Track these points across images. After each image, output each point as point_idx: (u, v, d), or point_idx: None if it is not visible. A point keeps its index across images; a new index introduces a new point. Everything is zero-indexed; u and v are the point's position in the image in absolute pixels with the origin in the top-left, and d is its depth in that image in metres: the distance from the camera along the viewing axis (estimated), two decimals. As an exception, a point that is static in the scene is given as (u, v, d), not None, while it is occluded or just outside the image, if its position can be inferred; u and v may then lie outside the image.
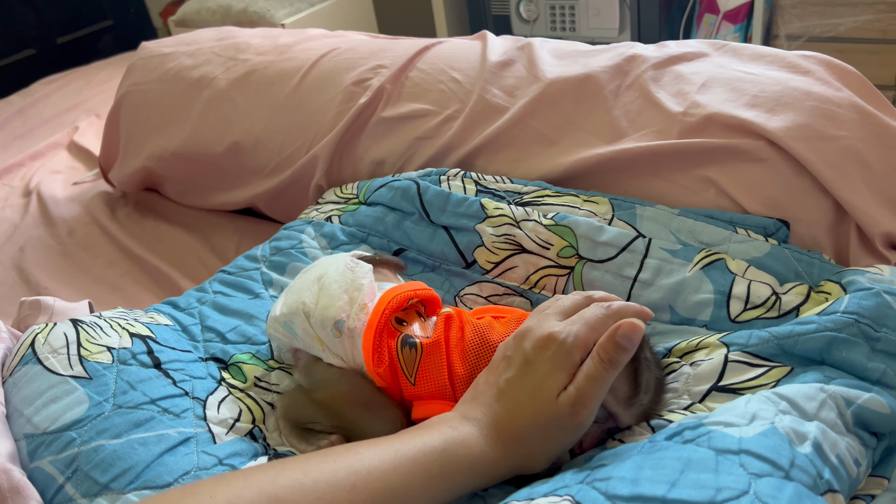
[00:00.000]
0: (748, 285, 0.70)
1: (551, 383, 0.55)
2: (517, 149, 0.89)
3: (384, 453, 0.51)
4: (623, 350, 0.55)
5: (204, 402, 0.66)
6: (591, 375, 0.55)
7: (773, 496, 0.45)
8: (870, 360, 0.60)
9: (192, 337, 0.76)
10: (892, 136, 0.74)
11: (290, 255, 0.88)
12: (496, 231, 0.80)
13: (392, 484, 0.49)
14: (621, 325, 0.55)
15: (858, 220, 0.73)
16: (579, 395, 0.55)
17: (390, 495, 0.49)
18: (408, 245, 0.86)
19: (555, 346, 0.56)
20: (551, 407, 0.55)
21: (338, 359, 0.68)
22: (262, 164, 1.09)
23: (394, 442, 0.52)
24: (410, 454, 0.51)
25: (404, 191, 0.87)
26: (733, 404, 0.56)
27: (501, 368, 0.59)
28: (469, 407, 0.58)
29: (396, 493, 0.49)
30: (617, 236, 0.76)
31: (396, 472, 0.50)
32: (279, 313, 0.70)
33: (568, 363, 0.56)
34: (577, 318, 0.58)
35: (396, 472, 0.50)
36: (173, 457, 0.60)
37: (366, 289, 0.69)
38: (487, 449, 0.55)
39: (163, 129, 1.18)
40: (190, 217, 1.23)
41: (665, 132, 0.82)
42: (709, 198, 0.79)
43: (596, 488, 0.49)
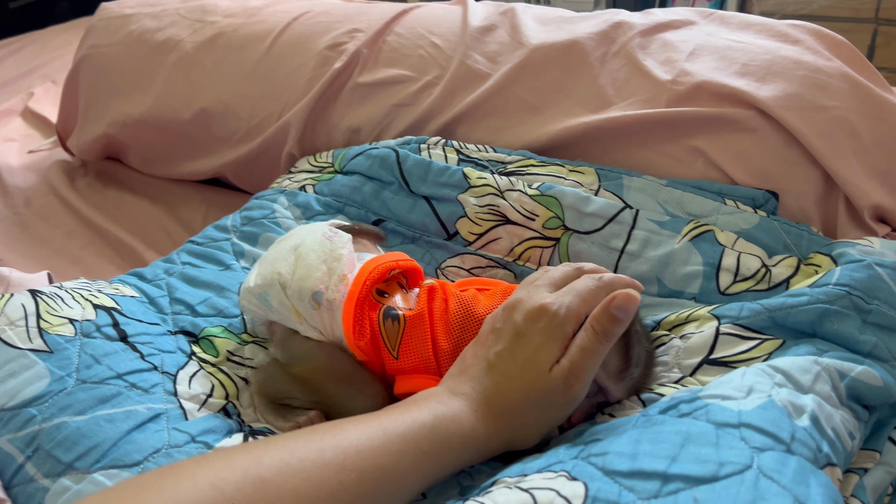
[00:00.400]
0: (738, 257, 0.69)
1: (544, 356, 0.53)
2: (500, 117, 0.87)
3: (372, 431, 0.48)
4: (618, 322, 0.53)
5: (174, 376, 0.63)
6: (585, 348, 0.53)
7: (778, 470, 0.43)
8: (861, 333, 0.59)
9: (160, 309, 0.72)
10: (882, 106, 0.73)
11: (262, 225, 0.84)
12: (479, 201, 0.78)
13: (382, 462, 0.47)
14: (616, 296, 0.53)
15: (847, 192, 0.72)
16: (573, 368, 0.53)
17: (380, 474, 0.46)
18: (387, 216, 0.83)
19: (547, 318, 0.54)
20: (544, 380, 0.53)
21: (316, 332, 0.65)
22: (231, 132, 1.05)
23: (381, 419, 0.50)
24: (400, 431, 0.49)
25: (383, 159, 0.84)
26: (729, 377, 0.55)
27: (490, 341, 0.56)
28: (457, 381, 0.56)
29: (387, 471, 0.47)
30: (604, 207, 0.74)
31: (386, 451, 0.47)
32: (253, 284, 0.67)
33: (560, 335, 0.54)
34: (569, 289, 0.56)
35: (386, 451, 0.47)
36: (143, 434, 0.56)
37: (345, 259, 0.66)
38: (478, 424, 0.53)
39: (125, 94, 1.12)
40: (155, 187, 1.18)
41: (653, 101, 0.80)
42: (697, 168, 0.77)
43: (592, 464, 0.47)
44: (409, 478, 0.48)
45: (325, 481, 0.44)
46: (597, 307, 0.54)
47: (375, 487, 0.46)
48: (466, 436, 0.52)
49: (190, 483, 0.40)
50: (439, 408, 0.52)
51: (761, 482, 0.42)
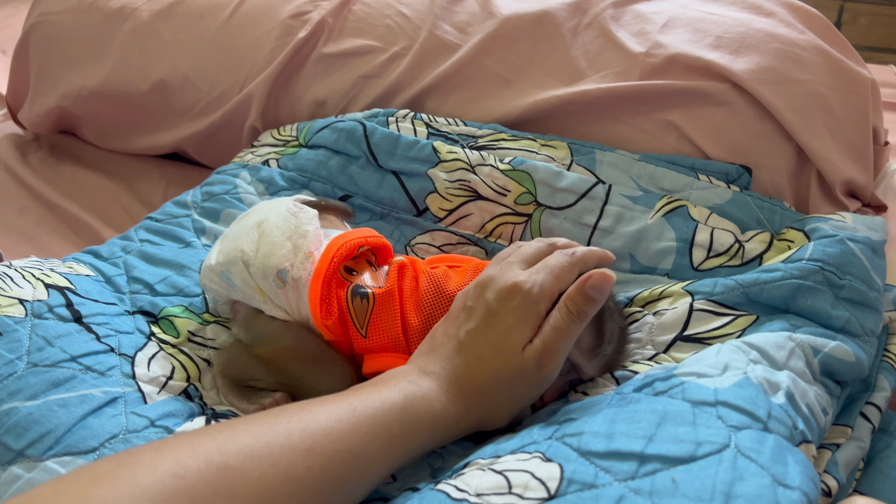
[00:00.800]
0: (711, 233, 0.68)
1: (516, 336, 0.52)
2: (470, 90, 0.84)
3: (341, 412, 0.46)
4: (592, 302, 0.52)
5: (132, 358, 0.60)
6: (559, 328, 0.52)
7: (755, 449, 0.42)
8: (834, 308, 0.59)
9: (116, 288, 0.69)
10: (855, 80, 0.72)
11: (223, 201, 0.81)
12: (450, 176, 0.76)
13: (351, 445, 0.45)
14: (591, 275, 0.52)
15: (820, 167, 0.71)
16: (546, 348, 0.52)
17: (349, 457, 0.44)
18: (354, 191, 0.80)
19: (520, 297, 0.53)
20: (516, 360, 0.52)
21: (281, 311, 0.63)
22: (191, 105, 1.01)
23: (350, 399, 0.48)
24: (370, 412, 0.47)
25: (349, 132, 0.82)
26: (704, 354, 0.54)
27: (462, 319, 0.55)
28: (427, 360, 0.54)
29: (356, 454, 0.45)
30: (576, 182, 0.72)
31: (356, 433, 0.45)
32: (215, 262, 0.64)
33: (533, 314, 0.52)
34: (542, 266, 0.55)
35: (356, 433, 0.45)
36: (98, 419, 0.54)
37: (311, 236, 0.63)
38: (448, 405, 0.51)
39: (79, 64, 1.07)
40: (111, 162, 1.13)
41: (626, 73, 0.78)
42: (670, 143, 0.76)
43: (567, 444, 0.46)
44: (378, 460, 0.47)
45: (293, 467, 0.42)
46: (571, 286, 0.53)
47: (344, 471, 0.44)
48: (437, 416, 0.50)
49: (149, 471, 0.38)
50: (409, 388, 0.50)
51: (739, 461, 0.41)
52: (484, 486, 0.44)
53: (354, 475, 0.45)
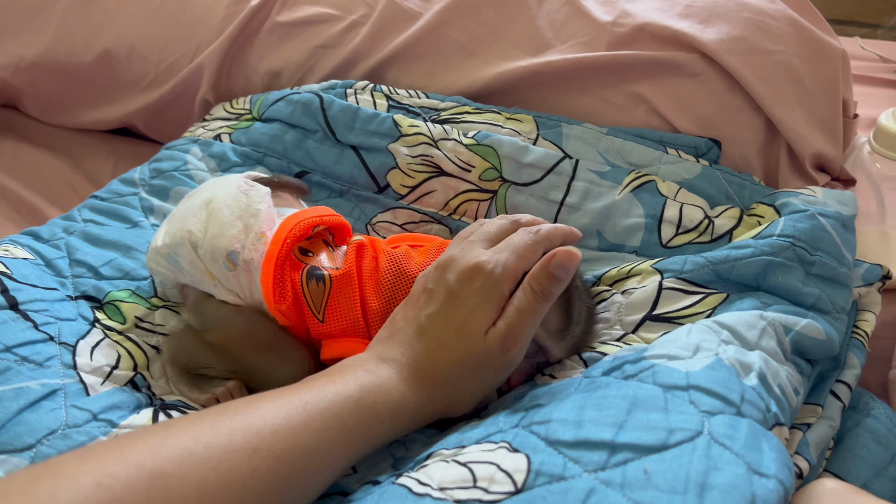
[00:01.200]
0: (680, 208, 0.66)
1: (479, 318, 0.50)
2: (432, 60, 0.81)
3: (291, 407, 0.43)
4: (557, 281, 0.50)
5: (73, 347, 0.57)
6: (523, 309, 0.50)
7: (729, 436, 0.41)
8: (805, 285, 0.57)
9: (57, 272, 0.65)
10: (825, 51, 0.71)
11: (173, 178, 0.77)
12: (411, 151, 0.72)
13: (302, 443, 0.42)
14: (556, 253, 0.50)
15: (790, 140, 0.70)
16: (510, 331, 0.49)
17: (300, 456, 0.42)
18: (311, 167, 0.77)
19: (482, 278, 0.50)
20: (479, 344, 0.49)
21: (232, 295, 0.59)
22: (139, 77, 0.96)
23: (301, 393, 0.45)
24: (322, 406, 0.44)
25: (305, 105, 0.78)
26: (674, 335, 0.52)
27: (422, 303, 0.52)
28: (386, 346, 0.52)
29: (308, 452, 0.42)
30: (543, 157, 0.70)
31: (307, 429, 0.43)
32: (161, 244, 0.61)
33: (496, 296, 0.50)
34: (505, 245, 0.52)
35: (307, 429, 0.43)
36: (35, 413, 0.50)
37: (263, 215, 0.60)
38: (408, 393, 0.49)
39: (17, 33, 1.01)
40: (56, 137, 1.07)
41: (593, 44, 0.75)
42: (638, 115, 0.74)
43: (534, 433, 0.44)
44: (333, 456, 0.44)
45: (236, 469, 0.39)
46: (535, 265, 0.51)
47: (295, 471, 0.41)
48: (396, 406, 0.48)
49: (70, 483, 0.34)
50: (366, 377, 0.48)
51: (713, 450, 0.40)
52: (448, 480, 0.41)
53: (306, 473, 0.42)
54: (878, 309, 0.64)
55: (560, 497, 0.38)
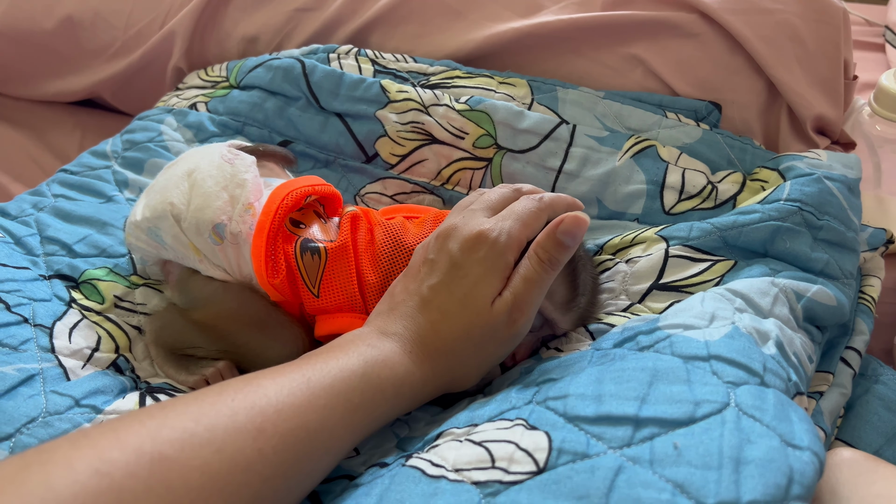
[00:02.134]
0: (682, 174, 0.64)
1: (484, 289, 0.48)
2: (419, 23, 0.77)
3: (294, 385, 0.40)
4: (565, 248, 0.48)
5: (50, 329, 0.53)
6: (529, 278, 0.48)
7: (758, 407, 0.39)
8: (813, 251, 0.56)
9: (28, 251, 0.61)
10: (826, 10, 0.69)
11: (147, 149, 0.73)
12: (401, 118, 0.69)
13: (307, 421, 0.39)
14: (563, 219, 0.48)
15: (791, 102, 0.68)
16: (516, 301, 0.47)
17: (306, 435, 0.39)
18: (294, 136, 0.73)
19: (486, 247, 0.48)
20: (485, 316, 0.47)
21: (220, 270, 0.56)
22: (105, 44, 0.91)
23: (303, 369, 0.42)
24: (326, 382, 0.42)
25: (286, 71, 0.74)
26: (688, 304, 0.50)
27: (423, 274, 0.50)
28: (387, 320, 0.49)
29: (313, 431, 0.40)
30: (539, 122, 0.67)
31: (311, 407, 0.40)
32: (140, 218, 0.57)
33: (501, 265, 0.48)
34: (508, 212, 0.50)
35: (311, 407, 0.40)
36: (12, 401, 0.47)
37: (250, 185, 0.57)
38: (412, 367, 0.47)
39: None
40: (18, 110, 1.02)
41: (587, 3, 0.73)
42: (635, 78, 0.71)
43: (552, 409, 0.41)
44: (338, 435, 0.42)
45: (240, 451, 0.36)
46: (541, 233, 0.49)
47: (300, 451, 0.39)
48: (401, 381, 0.46)
49: (65, 471, 0.31)
50: (369, 352, 0.45)
51: (743, 422, 0.38)
52: (463, 460, 0.39)
53: (312, 454, 0.40)
54: (883, 274, 0.63)
55: (587, 476, 0.36)
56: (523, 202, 0.51)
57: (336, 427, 0.41)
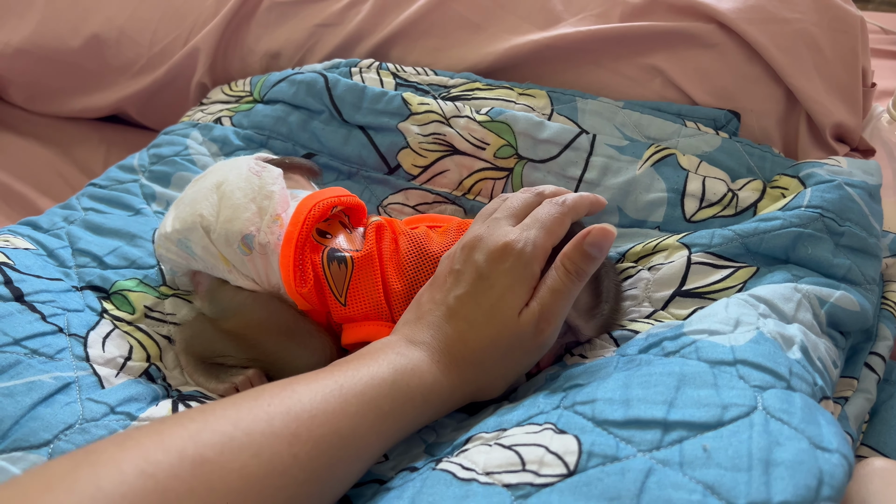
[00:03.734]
0: (703, 182, 0.64)
1: (511, 300, 0.48)
2: (439, 36, 0.79)
3: (327, 391, 0.41)
4: (592, 260, 0.48)
5: (84, 339, 0.54)
6: (556, 289, 0.48)
7: (786, 410, 0.39)
8: (835, 257, 0.56)
9: (61, 262, 0.62)
10: (844, 19, 0.69)
11: (174, 163, 0.74)
12: (423, 130, 0.70)
13: (340, 427, 0.40)
14: (591, 231, 0.48)
15: (809, 110, 0.68)
16: (543, 312, 0.48)
17: (339, 441, 0.40)
18: (317, 149, 0.74)
19: (512, 258, 0.48)
20: (512, 326, 0.48)
21: (249, 280, 0.57)
22: (130, 61, 0.92)
23: (335, 376, 0.43)
24: (358, 389, 0.42)
25: (309, 85, 0.75)
26: (712, 310, 0.51)
27: (449, 284, 0.50)
28: (414, 329, 0.50)
29: (346, 437, 0.40)
30: (559, 132, 0.68)
31: (344, 413, 0.41)
32: (171, 230, 0.58)
33: (528, 276, 0.48)
34: (532, 221, 0.50)
35: (344, 413, 0.41)
36: (50, 408, 0.48)
37: (277, 196, 0.58)
38: (440, 376, 0.47)
39: (2, 19, 0.97)
40: (44, 127, 1.04)
41: (606, 15, 0.74)
42: (654, 88, 0.72)
43: (580, 413, 0.42)
44: (369, 441, 0.42)
45: (277, 455, 0.37)
46: (568, 245, 0.49)
47: (333, 457, 0.40)
48: (429, 390, 0.46)
49: (112, 471, 0.32)
50: (398, 360, 0.46)
51: (772, 425, 0.38)
52: (493, 464, 0.40)
53: (345, 459, 0.41)
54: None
55: (618, 478, 0.36)
56: (546, 208, 0.51)
57: (367, 433, 0.42)
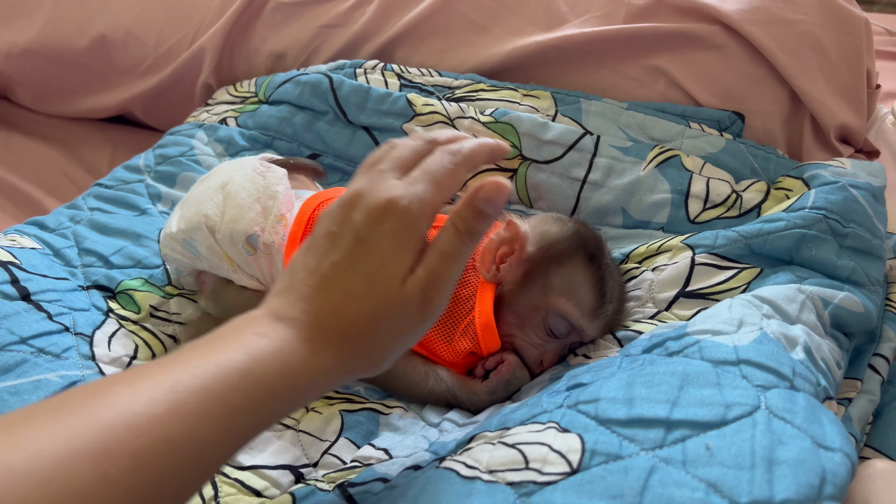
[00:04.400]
0: (707, 183, 0.65)
1: (394, 266, 0.41)
2: (443, 37, 0.79)
3: (155, 392, 0.34)
4: (485, 218, 0.42)
5: (90, 338, 0.54)
6: (446, 252, 0.42)
7: (788, 409, 0.39)
8: (839, 258, 0.56)
9: (67, 262, 0.63)
10: (848, 20, 0.69)
11: (179, 163, 0.75)
12: (427, 131, 0.70)
13: (170, 434, 0.33)
14: (483, 187, 0.42)
15: (814, 111, 0.68)
16: (431, 278, 0.41)
17: (168, 449, 0.33)
18: (322, 149, 0.75)
19: (395, 218, 0.41)
20: (396, 296, 0.41)
21: (253, 280, 0.57)
22: (136, 61, 0.93)
23: (170, 370, 0.36)
24: (196, 386, 0.35)
25: (314, 86, 0.75)
26: (715, 310, 0.51)
27: (325, 248, 0.43)
28: (283, 301, 0.42)
29: (178, 444, 0.33)
30: (563, 134, 0.68)
31: (177, 416, 0.34)
32: (176, 230, 0.58)
33: (413, 237, 0.42)
34: (421, 174, 0.43)
35: (177, 416, 0.34)
36: (56, 407, 0.48)
37: (281, 197, 0.58)
38: (311, 357, 0.40)
39: (7, 20, 0.98)
40: (51, 127, 1.04)
41: (610, 17, 0.74)
42: (658, 89, 0.72)
43: (583, 412, 0.42)
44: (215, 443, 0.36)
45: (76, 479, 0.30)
46: (459, 202, 0.43)
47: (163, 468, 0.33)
48: (295, 374, 0.40)
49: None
50: (256, 343, 0.39)
51: (774, 423, 0.38)
52: (496, 462, 0.40)
53: (180, 468, 0.34)
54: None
55: (620, 476, 0.36)
56: (438, 158, 0.44)
57: (210, 435, 0.35)
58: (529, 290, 0.55)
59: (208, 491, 0.45)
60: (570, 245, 0.56)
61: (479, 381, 0.55)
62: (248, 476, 0.47)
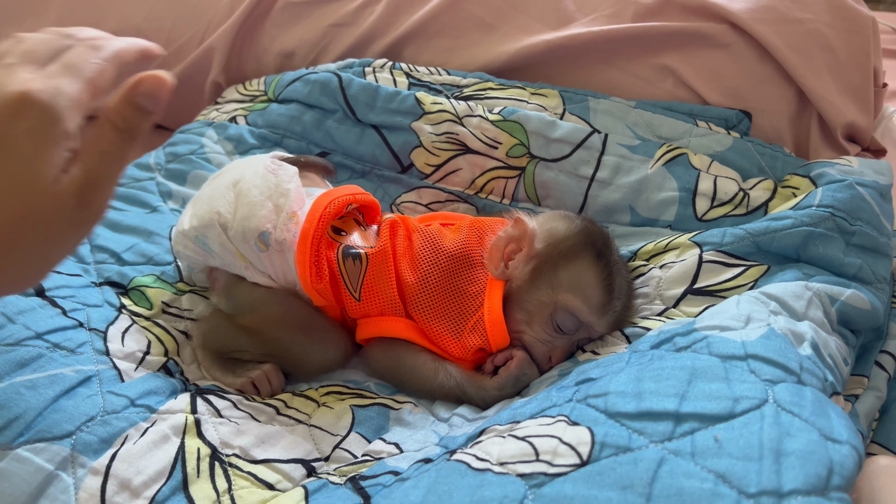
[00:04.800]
0: (714, 181, 0.65)
1: (40, 167, 0.37)
2: (452, 36, 0.79)
3: None
4: (145, 115, 0.39)
5: (104, 333, 0.55)
6: (105, 150, 0.39)
7: (797, 403, 0.40)
8: (846, 255, 0.57)
9: (80, 258, 0.63)
10: (855, 19, 0.70)
11: (190, 161, 0.75)
12: (436, 129, 0.71)
13: None
14: (142, 80, 0.39)
15: (821, 110, 0.69)
16: (89, 179, 0.38)
17: None
18: (331, 148, 0.75)
19: (34, 113, 0.37)
20: (45, 199, 0.38)
21: (265, 277, 0.58)
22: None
23: None
24: None
25: (323, 84, 0.76)
26: (723, 307, 0.51)
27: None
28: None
29: None
30: (571, 132, 0.68)
31: None
32: (188, 227, 0.59)
33: (59, 134, 0.38)
34: (60, 67, 0.39)
35: None
36: (72, 400, 0.49)
37: (293, 194, 0.59)
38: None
39: (18, 18, 0.99)
40: (60, 125, 1.05)
41: (618, 15, 0.74)
42: (666, 88, 0.73)
43: (593, 406, 0.43)
44: None
45: None
46: (115, 97, 0.39)
47: None
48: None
49: None
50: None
51: (782, 417, 0.39)
52: (507, 454, 0.40)
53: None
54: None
55: (630, 468, 0.37)
56: (80, 52, 0.40)
57: None
58: (538, 287, 0.56)
59: (222, 484, 0.46)
60: (577, 242, 0.56)
61: (488, 377, 0.56)
62: (260, 469, 0.47)
